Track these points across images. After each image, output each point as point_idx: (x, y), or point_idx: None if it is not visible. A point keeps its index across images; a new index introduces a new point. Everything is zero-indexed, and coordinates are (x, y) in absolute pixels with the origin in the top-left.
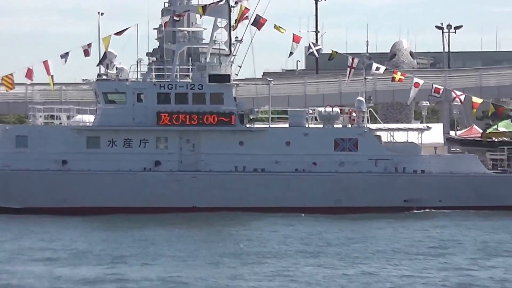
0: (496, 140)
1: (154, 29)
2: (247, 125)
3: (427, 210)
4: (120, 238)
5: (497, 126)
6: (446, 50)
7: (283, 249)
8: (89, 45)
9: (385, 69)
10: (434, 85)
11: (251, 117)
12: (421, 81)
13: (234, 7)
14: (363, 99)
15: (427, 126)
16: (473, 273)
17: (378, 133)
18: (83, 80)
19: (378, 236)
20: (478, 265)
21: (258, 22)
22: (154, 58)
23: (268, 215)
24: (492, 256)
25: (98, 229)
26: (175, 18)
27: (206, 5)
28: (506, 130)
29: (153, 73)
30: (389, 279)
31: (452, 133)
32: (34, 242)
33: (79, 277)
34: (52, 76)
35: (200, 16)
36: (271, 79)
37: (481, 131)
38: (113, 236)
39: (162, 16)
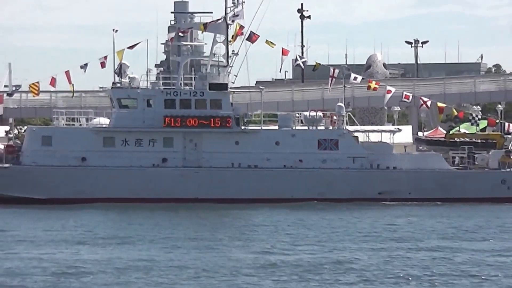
0: (458, 140)
1: (162, 43)
2: (242, 127)
3: (398, 201)
4: (131, 223)
5: (459, 128)
6: (415, 62)
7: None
8: (105, 57)
9: (362, 79)
10: (404, 92)
11: (246, 120)
12: (393, 89)
13: (231, 24)
14: (342, 104)
15: (398, 128)
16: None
17: (355, 134)
18: (100, 88)
19: (356, 222)
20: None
21: (251, 38)
22: (162, 69)
23: (260, 205)
24: (454, 239)
25: (112, 216)
26: (180, 34)
27: (207, 23)
28: (467, 132)
29: (161, 82)
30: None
31: (420, 134)
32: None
33: (96, 257)
34: (73, 84)
35: (202, 32)
36: (263, 87)
37: (445, 132)
38: (125, 222)
39: (168, 32)
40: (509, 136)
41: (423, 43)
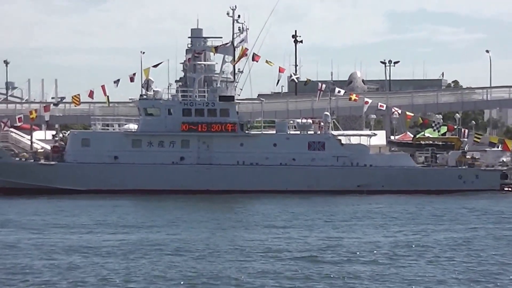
0: (423, 143)
1: (180, 63)
2: (246, 132)
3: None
4: (153, 211)
5: (424, 133)
6: (388, 78)
7: (270, 219)
8: (134, 74)
9: (344, 92)
10: (379, 103)
11: (249, 126)
12: (370, 100)
13: (237, 47)
14: (328, 113)
15: (373, 132)
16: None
17: (339, 137)
18: (130, 99)
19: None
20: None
21: (254, 58)
22: (180, 84)
23: (260, 196)
24: (417, 223)
25: (138, 205)
26: (195, 55)
27: (217, 46)
28: (430, 136)
29: (179, 94)
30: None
31: (392, 137)
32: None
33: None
34: (107, 96)
35: (213, 54)
36: (263, 99)
37: (412, 136)
38: (148, 210)
39: (186, 54)
40: (465, 139)
41: (395, 63)
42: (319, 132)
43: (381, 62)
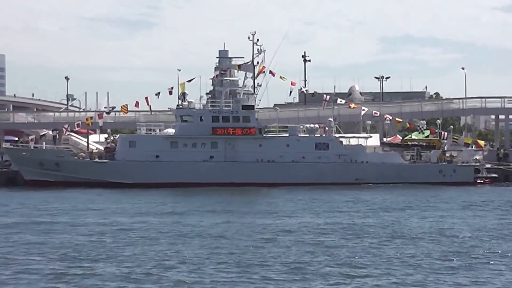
0: (410, 143)
1: (210, 78)
2: (264, 135)
3: (369, 184)
4: (187, 200)
5: (411, 135)
6: (381, 91)
7: (289, 206)
8: (172, 88)
9: (345, 102)
10: (374, 111)
11: (266, 130)
12: (366, 109)
13: (256, 65)
14: (332, 119)
15: (369, 135)
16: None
17: (341, 139)
18: (168, 108)
19: (339, 198)
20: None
21: (270, 74)
22: (210, 95)
23: (276, 188)
24: (407, 209)
25: (175, 195)
26: (222, 72)
27: (240, 64)
28: (416, 138)
29: (209, 104)
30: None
31: (384, 139)
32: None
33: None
34: (150, 106)
35: (237, 71)
36: (278, 108)
37: (401, 138)
38: (182, 200)
39: (214, 71)
40: (444, 141)
41: (386, 78)
42: (324, 135)
43: (375, 77)
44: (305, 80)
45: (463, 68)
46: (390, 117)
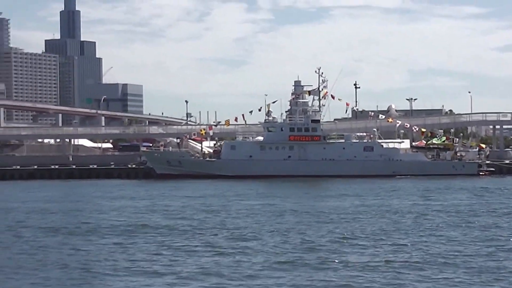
0: (431, 146)
1: (288, 100)
2: (326, 141)
3: (403, 176)
4: (273, 187)
5: (432, 141)
6: (410, 109)
7: (341, 193)
8: (260, 107)
9: (384, 117)
10: (405, 124)
11: (328, 137)
12: (400, 122)
13: (321, 91)
14: (375, 129)
15: (402, 141)
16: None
17: (382, 144)
18: (258, 122)
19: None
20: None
21: (331, 97)
22: (288, 113)
23: (335, 179)
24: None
25: (262, 184)
26: (296, 96)
27: (310, 90)
28: (435, 142)
29: (287, 119)
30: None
31: (413, 144)
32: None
33: (254, 203)
34: (245, 120)
35: (307, 95)
36: (336, 121)
37: (425, 142)
38: (269, 186)
39: (291, 95)
40: (456, 144)
41: (414, 99)
42: (370, 141)
43: (406, 99)
44: (356, 101)
45: (469, 92)
46: (417, 128)
